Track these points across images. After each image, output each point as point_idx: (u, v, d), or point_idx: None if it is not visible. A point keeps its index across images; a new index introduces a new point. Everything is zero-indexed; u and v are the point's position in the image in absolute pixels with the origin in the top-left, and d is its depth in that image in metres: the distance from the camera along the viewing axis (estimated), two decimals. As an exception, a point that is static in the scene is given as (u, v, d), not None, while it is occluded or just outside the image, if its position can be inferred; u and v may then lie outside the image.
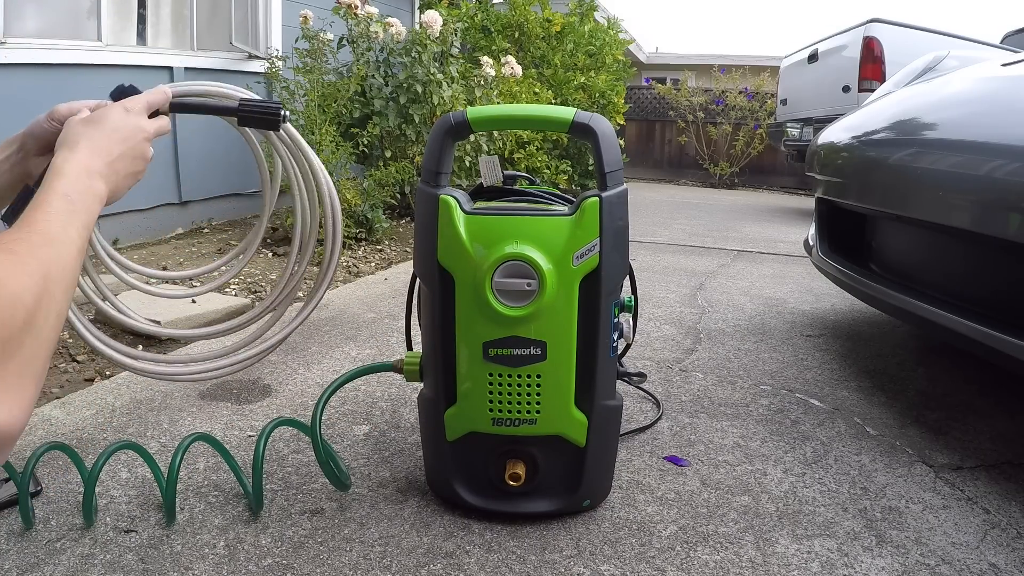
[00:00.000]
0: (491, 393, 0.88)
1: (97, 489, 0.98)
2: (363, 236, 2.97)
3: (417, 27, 3.44)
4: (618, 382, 1.02)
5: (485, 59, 3.47)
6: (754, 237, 3.88)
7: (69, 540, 0.89)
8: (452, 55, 3.54)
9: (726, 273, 2.80)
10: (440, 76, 3.27)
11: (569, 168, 4.52)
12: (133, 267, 1.21)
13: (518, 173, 1.06)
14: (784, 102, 5.94)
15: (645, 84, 9.09)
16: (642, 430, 1.27)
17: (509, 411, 0.89)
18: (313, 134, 2.78)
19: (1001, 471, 1.17)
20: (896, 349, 1.84)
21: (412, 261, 1.09)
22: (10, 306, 0.44)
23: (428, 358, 0.93)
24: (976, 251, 1.29)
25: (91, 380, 1.47)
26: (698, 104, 8.22)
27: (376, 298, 2.17)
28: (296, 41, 3.05)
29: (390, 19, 3.20)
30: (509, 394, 0.88)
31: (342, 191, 2.77)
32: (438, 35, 3.31)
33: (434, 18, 3.22)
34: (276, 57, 3.15)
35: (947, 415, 1.40)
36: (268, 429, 0.96)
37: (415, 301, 1.03)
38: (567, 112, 0.88)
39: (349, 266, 2.60)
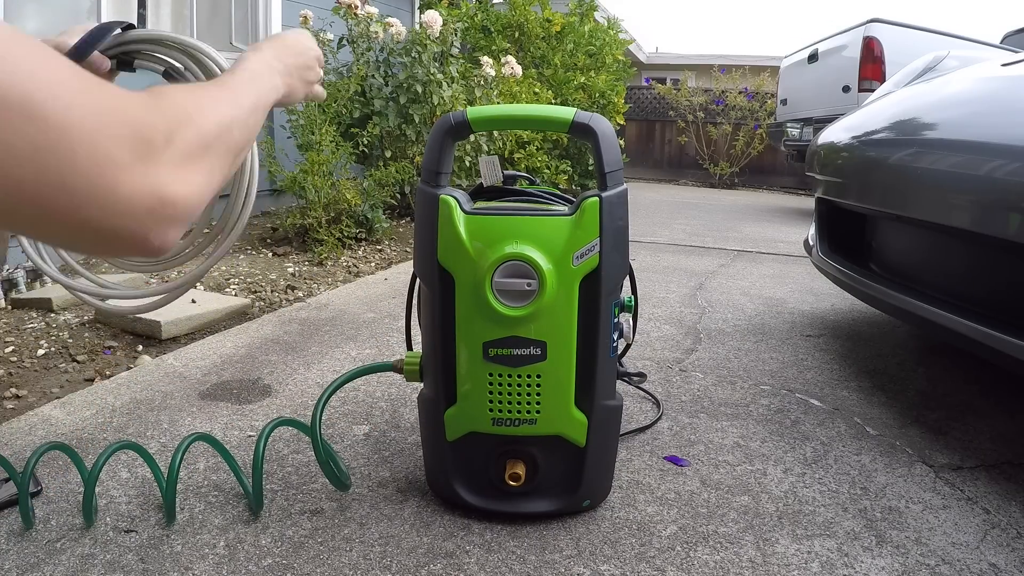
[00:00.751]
0: (491, 393, 0.88)
1: (97, 489, 0.98)
2: (363, 236, 2.97)
3: (417, 27, 3.45)
4: (618, 382, 1.02)
5: (485, 59, 3.47)
6: (754, 237, 3.88)
7: (69, 540, 0.89)
8: (452, 55, 3.54)
9: (726, 273, 2.80)
10: (440, 76, 3.27)
11: (569, 168, 4.52)
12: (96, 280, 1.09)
13: (518, 173, 1.06)
14: (784, 102, 5.94)
15: (645, 84, 9.10)
16: (642, 430, 1.27)
17: (509, 411, 0.89)
18: (313, 134, 2.78)
19: (1001, 471, 1.17)
20: (896, 349, 1.84)
21: (412, 261, 1.09)
22: (210, 112, 0.52)
23: (428, 358, 0.93)
24: (976, 251, 1.29)
25: (91, 380, 1.47)
26: (698, 104, 8.23)
27: (376, 298, 2.17)
28: (296, 41, 3.04)
29: (390, 19, 3.21)
30: (509, 394, 0.88)
31: (342, 191, 2.77)
32: (438, 35, 3.31)
33: (434, 18, 3.22)
34: (276, 57, 3.14)
35: (947, 415, 1.40)
36: (268, 429, 0.96)
37: (415, 301, 1.03)
38: (567, 112, 0.88)
39: (349, 266, 2.60)
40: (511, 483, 0.91)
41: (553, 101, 4.72)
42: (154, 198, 0.44)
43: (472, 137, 3.24)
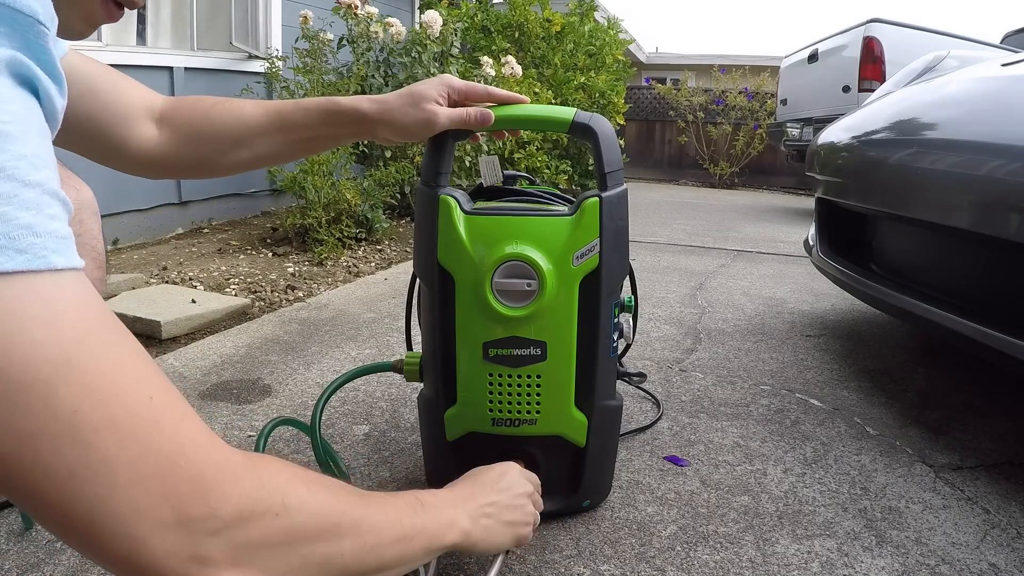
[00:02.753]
0: (491, 393, 0.88)
1: (97, 489, 0.98)
2: (363, 236, 2.97)
3: (417, 27, 3.45)
4: (618, 382, 1.02)
5: (485, 59, 3.47)
6: (754, 237, 3.88)
7: (69, 540, 0.88)
8: (452, 55, 3.54)
9: (726, 273, 2.80)
10: (440, 76, 3.27)
11: (569, 168, 4.51)
12: None
13: (518, 173, 1.06)
14: (784, 102, 5.94)
15: (645, 84, 9.09)
16: (642, 430, 1.27)
17: (509, 411, 0.89)
18: (313, 134, 2.77)
19: (1001, 471, 1.17)
20: (896, 349, 1.84)
21: (412, 261, 1.09)
22: (281, 510, 0.42)
23: (428, 358, 0.93)
24: (976, 251, 1.29)
25: (91, 380, 1.47)
26: (698, 104, 8.22)
27: (376, 298, 2.17)
28: (296, 41, 3.05)
29: (390, 19, 3.20)
30: (509, 394, 0.88)
31: (343, 191, 2.77)
32: (438, 35, 3.31)
33: (434, 18, 3.22)
34: (276, 57, 3.15)
35: (947, 415, 1.40)
36: (268, 429, 0.96)
37: (415, 301, 1.03)
38: (567, 112, 0.88)
39: (349, 266, 2.60)
40: (511, 483, 0.91)
41: (553, 101, 4.72)
42: None
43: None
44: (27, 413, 0.33)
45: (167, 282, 2.24)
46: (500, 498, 0.72)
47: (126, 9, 0.55)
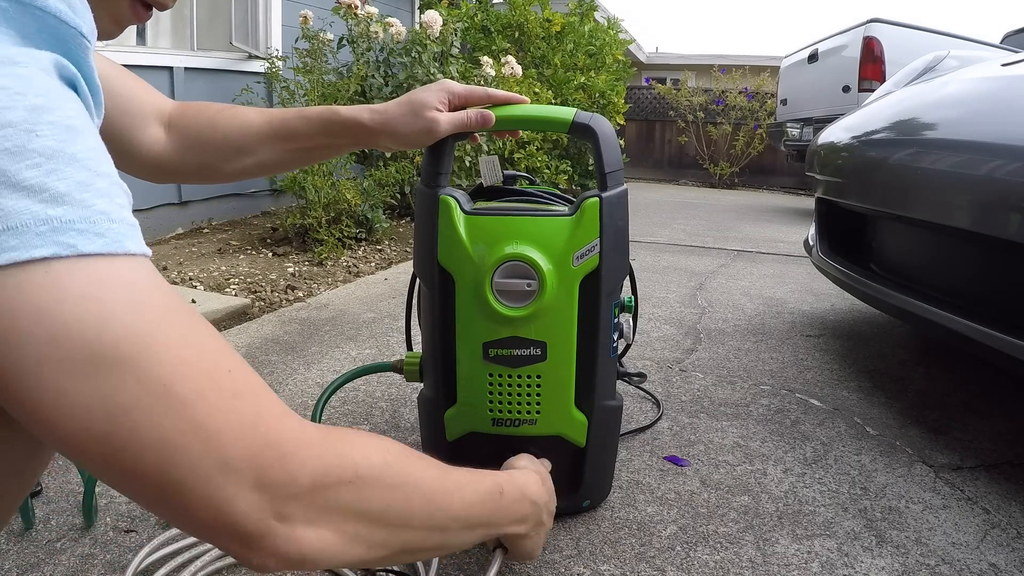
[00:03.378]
0: (491, 393, 0.88)
1: (97, 489, 0.98)
2: (363, 236, 2.97)
3: (417, 27, 3.44)
4: (618, 382, 1.02)
5: (485, 59, 3.47)
6: (754, 237, 3.88)
7: (69, 540, 0.88)
8: (452, 55, 3.54)
9: (726, 273, 2.80)
10: (440, 76, 3.27)
11: (569, 168, 4.51)
12: None
13: (518, 173, 1.06)
14: (784, 102, 5.94)
15: (645, 84, 9.09)
16: (642, 430, 1.27)
17: (509, 411, 0.89)
18: (313, 134, 2.77)
19: (1001, 471, 1.17)
20: (896, 349, 1.84)
21: (412, 261, 1.09)
22: (367, 467, 0.46)
23: (428, 358, 0.93)
24: (976, 251, 1.29)
25: (91, 380, 1.47)
26: (698, 104, 8.22)
27: (376, 298, 2.17)
28: (296, 41, 3.05)
29: (390, 19, 3.20)
30: (509, 394, 0.88)
31: (342, 191, 2.77)
32: (438, 35, 3.30)
33: (434, 18, 3.22)
34: (276, 57, 3.15)
35: (947, 415, 1.40)
36: (268, 429, 0.96)
37: (415, 301, 1.03)
38: (567, 112, 0.88)
39: (349, 266, 2.60)
40: (511, 483, 0.91)
41: (553, 101, 4.72)
42: (266, 537, 0.40)
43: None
44: (121, 390, 0.35)
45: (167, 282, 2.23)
46: (552, 508, 0.77)
47: (151, 11, 0.55)
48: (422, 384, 0.96)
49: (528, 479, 0.72)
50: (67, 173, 0.35)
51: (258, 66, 3.39)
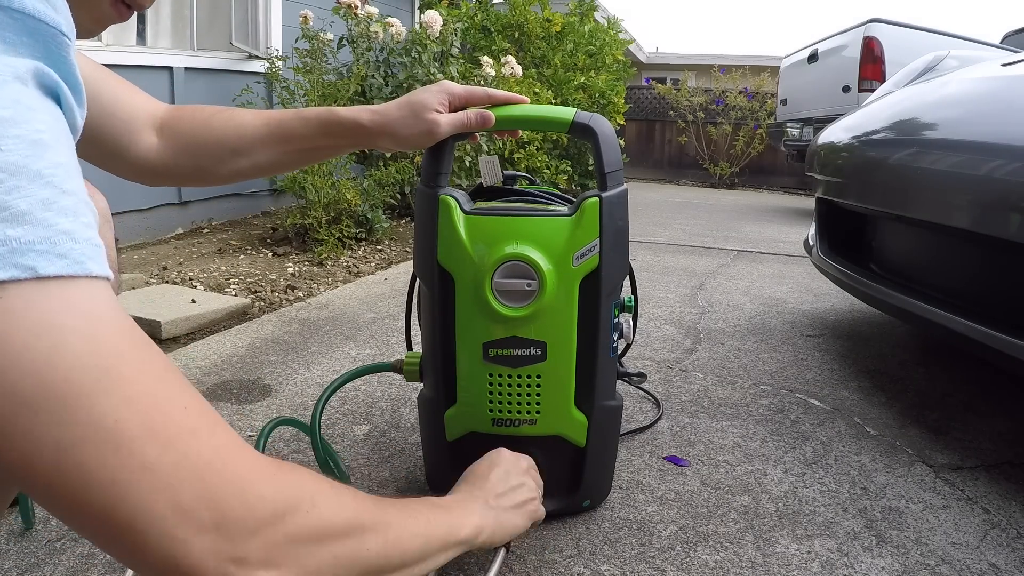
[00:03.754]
0: (491, 393, 0.88)
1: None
2: (363, 236, 2.97)
3: (417, 27, 3.44)
4: (618, 382, 1.02)
5: (485, 59, 3.47)
6: (754, 237, 3.88)
7: (69, 540, 0.88)
8: (452, 55, 3.53)
9: (726, 273, 2.80)
10: (440, 76, 3.27)
11: (569, 168, 4.51)
12: None
13: (518, 173, 1.06)
14: (784, 102, 5.94)
15: (645, 84, 9.09)
16: (642, 430, 1.27)
17: (509, 411, 0.89)
18: (313, 134, 2.77)
19: (1001, 471, 1.17)
20: (896, 349, 1.84)
21: (412, 261, 1.09)
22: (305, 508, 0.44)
23: (428, 358, 0.93)
24: (976, 251, 1.29)
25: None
26: (698, 104, 8.23)
27: (376, 298, 2.17)
28: (296, 41, 3.05)
29: (390, 19, 3.20)
30: (509, 394, 0.88)
31: (342, 191, 2.77)
32: (438, 35, 3.30)
33: (434, 18, 3.22)
34: (276, 57, 3.15)
35: (947, 415, 1.40)
36: (268, 429, 0.96)
37: (415, 301, 1.03)
38: (567, 112, 0.88)
39: (349, 266, 2.60)
40: (511, 483, 0.91)
41: (553, 101, 4.72)
42: None
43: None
44: (71, 424, 0.34)
45: (167, 282, 2.24)
46: (498, 485, 0.75)
47: (132, 10, 0.55)
48: (422, 384, 0.96)
49: (466, 496, 0.71)
50: (30, 191, 0.33)
51: (258, 66, 3.39)
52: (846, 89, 4.71)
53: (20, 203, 0.33)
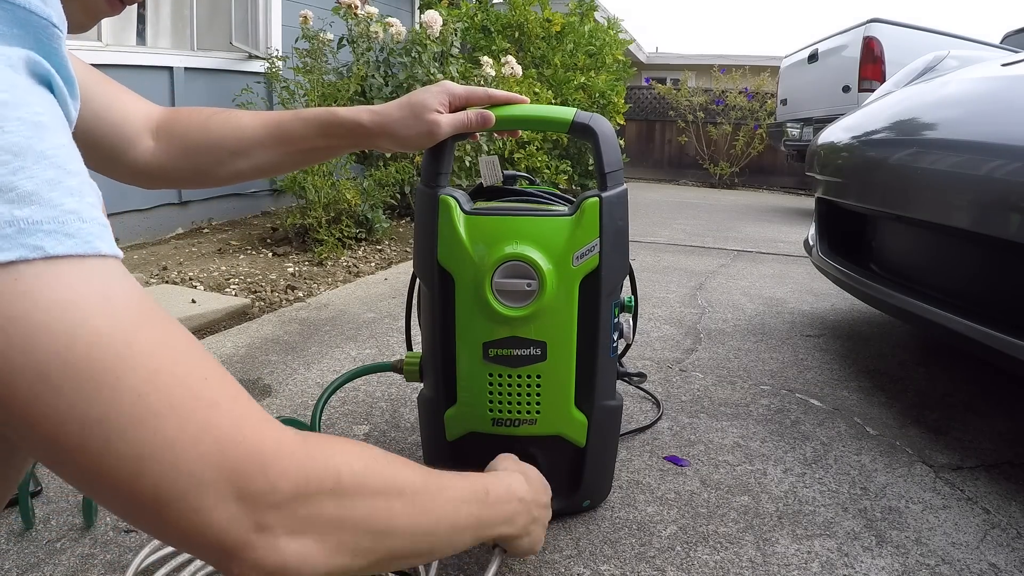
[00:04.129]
0: (491, 393, 0.88)
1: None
2: (363, 236, 2.97)
3: (417, 27, 3.44)
4: (618, 382, 1.02)
5: (485, 59, 3.47)
6: (754, 237, 3.88)
7: (69, 540, 0.88)
8: (452, 55, 3.53)
9: (726, 273, 2.80)
10: (440, 76, 3.27)
11: (569, 168, 4.51)
12: None
13: (518, 173, 1.06)
14: (784, 102, 5.94)
15: (645, 84, 9.09)
16: (642, 430, 1.27)
17: (509, 411, 0.89)
18: (313, 134, 2.77)
19: (1001, 471, 1.17)
20: (896, 349, 1.84)
21: (412, 261, 1.09)
22: (347, 475, 0.45)
23: (428, 358, 0.93)
24: (976, 251, 1.29)
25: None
26: (698, 104, 8.23)
27: (376, 298, 2.17)
28: (296, 41, 3.05)
29: (390, 19, 3.20)
30: (509, 394, 0.88)
31: (342, 191, 2.77)
32: (438, 35, 3.30)
33: (434, 18, 3.22)
34: (276, 57, 3.15)
35: (947, 415, 1.40)
36: (268, 429, 0.96)
37: (415, 301, 1.03)
38: (567, 112, 0.88)
39: (349, 266, 2.60)
40: (511, 483, 0.91)
41: (553, 101, 4.72)
42: (247, 549, 0.39)
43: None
44: (94, 401, 0.34)
45: (167, 282, 2.24)
46: (544, 501, 0.76)
47: (126, 4, 0.55)
48: (422, 384, 0.96)
49: (512, 478, 0.71)
50: (35, 171, 0.33)
51: (258, 66, 3.39)
52: (846, 89, 4.71)
53: (26, 183, 0.33)
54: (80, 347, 0.34)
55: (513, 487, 0.69)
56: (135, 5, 0.55)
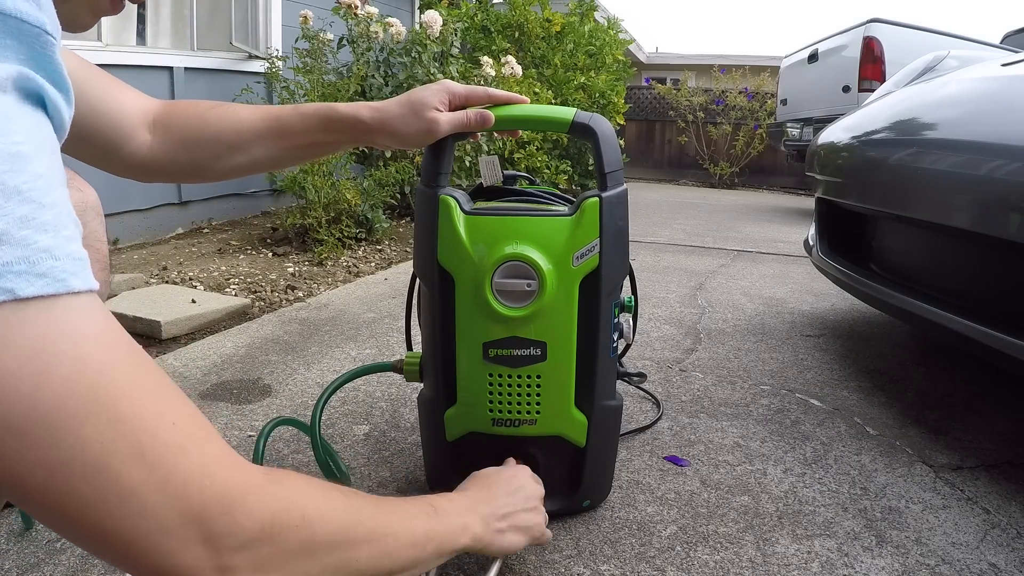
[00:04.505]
0: (491, 393, 0.88)
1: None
2: (363, 236, 2.97)
3: (417, 27, 3.44)
4: (618, 382, 1.02)
5: (485, 59, 3.47)
6: (754, 237, 3.88)
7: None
8: (452, 55, 3.54)
9: (726, 273, 2.80)
10: (440, 76, 3.27)
11: (569, 168, 4.51)
12: None
13: (518, 173, 1.06)
14: (784, 102, 5.94)
15: (645, 84, 9.09)
16: (642, 430, 1.27)
17: (509, 411, 0.89)
18: (313, 134, 2.77)
19: (1001, 471, 1.17)
20: (896, 349, 1.84)
21: (412, 261, 1.09)
22: (301, 520, 0.44)
23: (428, 358, 0.93)
24: (976, 251, 1.29)
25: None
26: (698, 104, 8.23)
27: (376, 298, 2.17)
28: (296, 41, 3.05)
29: (390, 19, 3.20)
30: (509, 394, 0.88)
31: (342, 191, 2.77)
32: (438, 35, 3.31)
33: (434, 18, 3.22)
34: (276, 57, 3.15)
35: (947, 415, 1.40)
36: (268, 429, 0.96)
37: (415, 301, 1.03)
38: (567, 112, 0.88)
39: (349, 266, 2.60)
40: (511, 483, 0.91)
41: (553, 101, 4.72)
42: None
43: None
44: (58, 447, 0.34)
45: (167, 282, 2.24)
46: (513, 501, 0.74)
47: (127, 2, 0.55)
48: (422, 384, 0.96)
49: (466, 493, 0.71)
50: (7, 209, 0.32)
51: (258, 66, 3.39)
52: (846, 89, 4.71)
53: None
54: (46, 395, 0.34)
55: (461, 499, 0.69)
56: (135, 4, 0.55)
